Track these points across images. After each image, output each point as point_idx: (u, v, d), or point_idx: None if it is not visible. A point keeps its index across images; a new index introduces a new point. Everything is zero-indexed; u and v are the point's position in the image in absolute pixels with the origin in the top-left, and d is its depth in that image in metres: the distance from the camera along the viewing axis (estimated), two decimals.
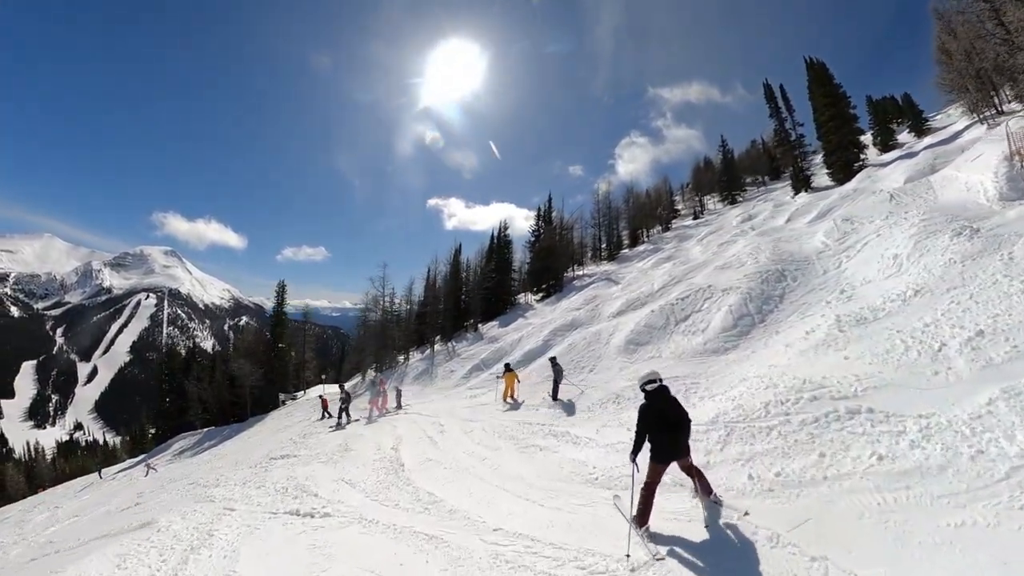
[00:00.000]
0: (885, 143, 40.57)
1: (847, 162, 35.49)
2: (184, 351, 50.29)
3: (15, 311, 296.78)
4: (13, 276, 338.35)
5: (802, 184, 38.07)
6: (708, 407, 8.68)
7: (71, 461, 74.21)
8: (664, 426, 5.27)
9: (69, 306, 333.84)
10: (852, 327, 9.75)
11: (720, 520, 5.34)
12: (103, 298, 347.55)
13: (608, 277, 31.57)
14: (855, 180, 30.26)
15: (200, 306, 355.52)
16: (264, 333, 46.61)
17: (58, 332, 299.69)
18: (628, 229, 49.36)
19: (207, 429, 36.62)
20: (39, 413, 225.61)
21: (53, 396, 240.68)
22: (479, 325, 34.28)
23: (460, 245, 42.63)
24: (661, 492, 5.54)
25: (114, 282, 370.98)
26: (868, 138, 41.18)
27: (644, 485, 5.35)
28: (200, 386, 40.77)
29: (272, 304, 43.09)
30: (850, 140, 36.39)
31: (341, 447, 12.79)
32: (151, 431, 48.62)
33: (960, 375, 6.72)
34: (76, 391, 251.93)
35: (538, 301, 35.79)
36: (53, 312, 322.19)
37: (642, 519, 5.30)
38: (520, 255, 43.19)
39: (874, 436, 5.97)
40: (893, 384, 7.03)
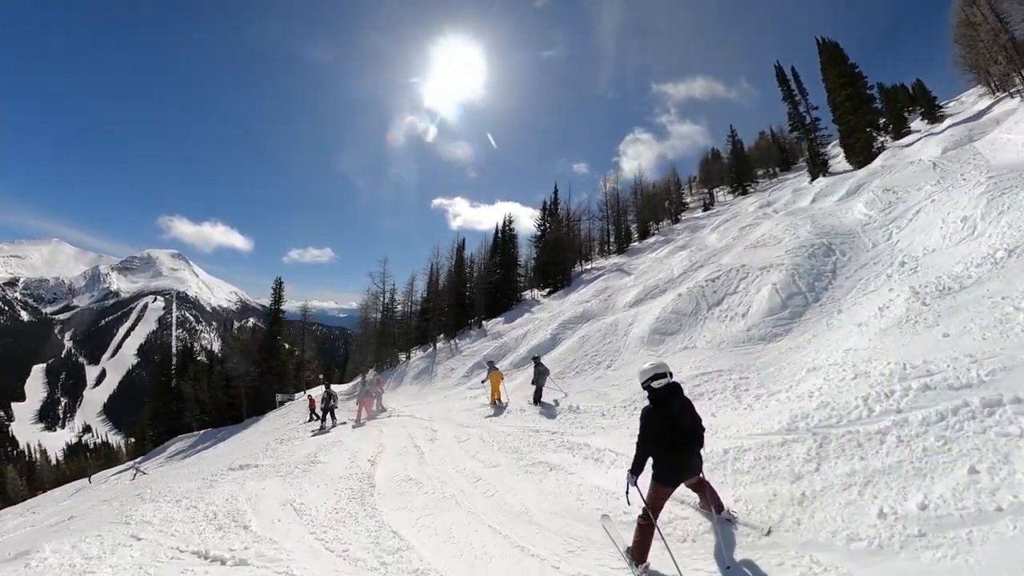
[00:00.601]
0: (898, 131, 38.43)
1: (866, 144, 33.43)
2: (181, 351, 48.40)
3: (24, 315, 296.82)
4: (22, 281, 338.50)
5: (819, 168, 35.99)
6: (773, 409, 6.81)
7: (72, 463, 72.92)
8: (675, 437, 4.08)
9: (77, 310, 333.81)
10: (936, 299, 8.09)
11: (738, 545, 4.25)
12: (111, 302, 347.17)
13: (619, 268, 29.69)
14: (880, 159, 28.47)
15: (208, 308, 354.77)
16: (261, 332, 44.92)
17: (66, 336, 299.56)
18: (636, 222, 47.39)
19: (203, 431, 35.25)
20: (49, 415, 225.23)
21: (62, 399, 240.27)
22: (483, 322, 32.74)
23: (464, 240, 41.03)
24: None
25: (121, 286, 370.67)
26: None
27: (643, 512, 4.17)
28: (197, 387, 39.09)
29: (284, 306, 41.52)
30: (869, 121, 34.33)
31: (310, 457, 10.82)
32: (149, 433, 46.91)
33: None
34: (84, 394, 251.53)
35: (545, 296, 34.07)
36: (61, 316, 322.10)
37: (641, 554, 4.17)
38: (526, 251, 41.62)
39: None
40: None
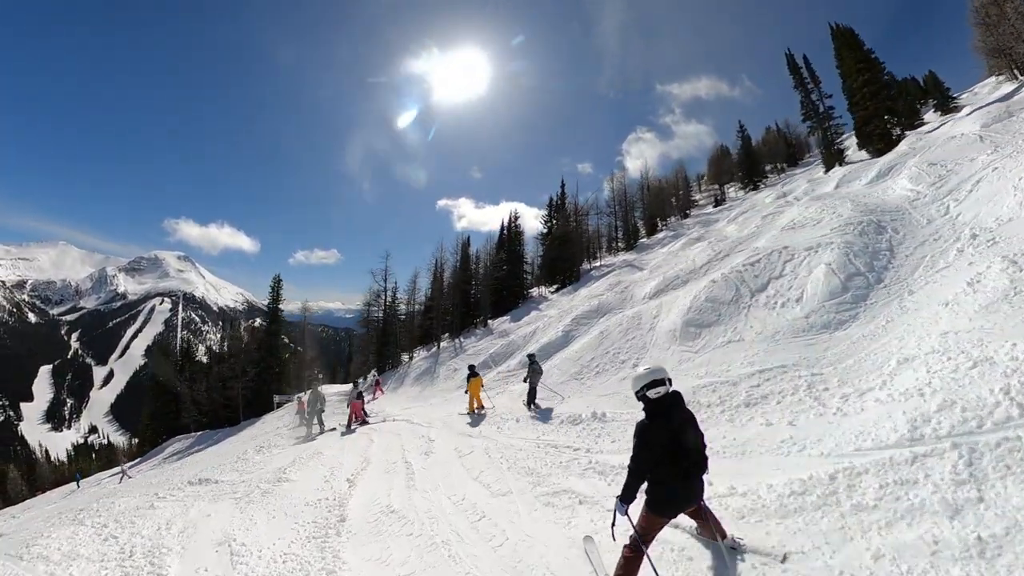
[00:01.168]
0: (911, 123, 36.60)
1: (885, 131, 31.63)
2: (179, 351, 46.83)
3: (32, 317, 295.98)
4: (30, 283, 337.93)
5: (834, 158, 34.18)
6: (875, 412, 5.27)
7: (76, 463, 71.58)
8: (676, 457, 3.30)
9: (84, 311, 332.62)
10: None
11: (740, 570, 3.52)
12: (118, 303, 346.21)
13: (630, 264, 28.06)
14: (905, 143, 26.78)
15: (214, 309, 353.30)
16: (261, 331, 43.32)
17: (73, 337, 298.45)
18: (644, 218, 45.59)
19: (199, 432, 33.77)
20: (55, 416, 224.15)
21: (69, 400, 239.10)
22: (489, 320, 31.21)
23: (468, 237, 39.63)
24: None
25: (128, 287, 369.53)
26: None
27: (631, 541, 3.44)
28: (194, 388, 37.53)
29: (287, 306, 40.03)
30: (888, 107, 32.50)
31: (279, 473, 9.16)
32: (147, 434, 45.45)
33: None
34: (91, 394, 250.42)
35: (553, 293, 32.45)
36: (69, 317, 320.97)
37: None
38: (532, 249, 40.04)
39: None
40: None
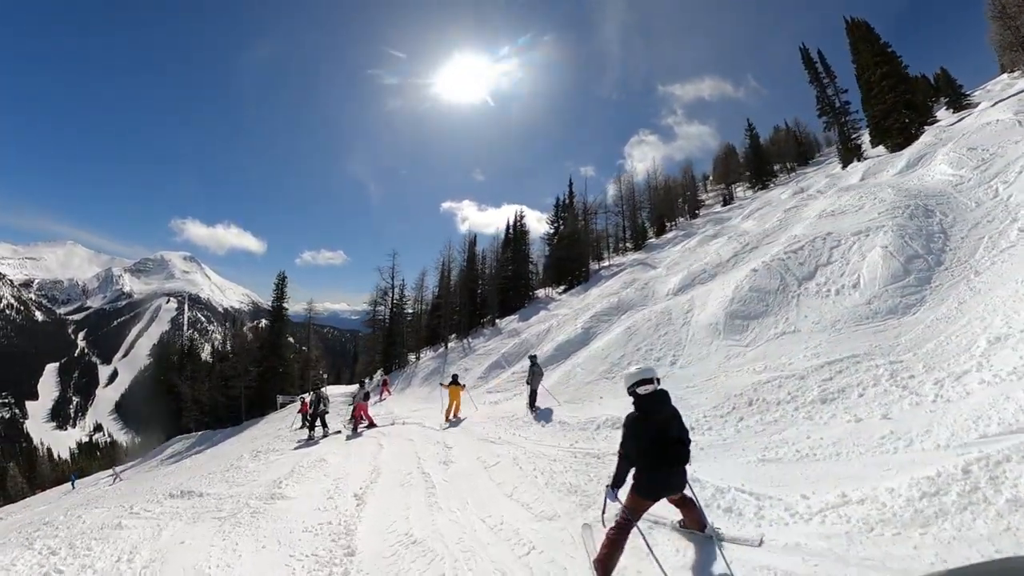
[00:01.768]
0: (924, 120, 35.37)
1: (904, 124, 30.38)
2: (181, 351, 45.68)
3: (39, 315, 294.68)
4: (37, 282, 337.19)
5: (852, 153, 32.94)
6: (988, 395, 4.85)
7: (80, 461, 70.65)
8: (661, 448, 3.47)
9: (91, 311, 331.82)
10: None
11: (731, 560, 3.38)
12: (123, 303, 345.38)
13: (642, 262, 26.91)
14: (928, 135, 25.59)
15: (220, 310, 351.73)
16: (264, 330, 42.19)
17: (80, 336, 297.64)
18: (651, 219, 44.21)
19: (201, 432, 32.78)
20: (61, 414, 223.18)
21: (74, 398, 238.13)
22: (496, 320, 30.10)
23: (475, 236, 38.50)
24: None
25: (134, 287, 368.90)
26: None
27: (617, 524, 3.52)
28: (195, 387, 36.41)
29: (292, 307, 38.93)
30: (907, 101, 31.23)
31: (274, 485, 7.89)
32: (148, 433, 44.44)
33: None
34: (97, 393, 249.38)
35: (560, 293, 31.39)
36: (75, 316, 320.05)
37: (605, 568, 3.51)
38: (536, 250, 38.96)
39: None
40: None
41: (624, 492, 3.61)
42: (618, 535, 3.55)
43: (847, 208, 14.40)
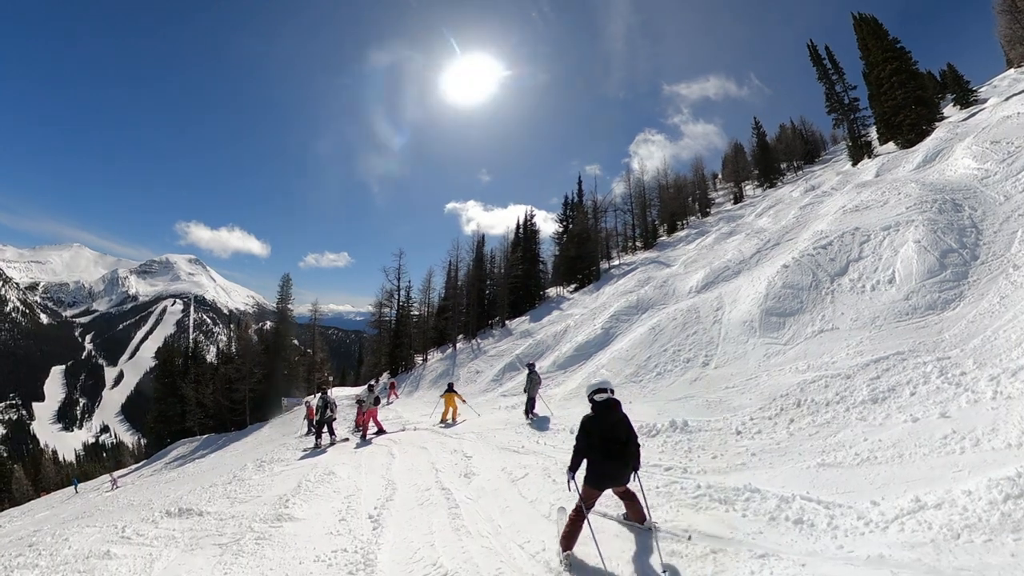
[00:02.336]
0: (931, 117, 34.68)
1: (915, 120, 29.67)
2: (185, 352, 45.00)
3: (45, 318, 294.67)
4: (43, 285, 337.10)
5: (862, 151, 32.26)
6: None
7: (82, 465, 70.03)
8: (608, 447, 4.16)
9: (97, 313, 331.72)
10: None
11: (663, 551, 3.90)
12: (129, 305, 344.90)
13: (656, 260, 26.27)
14: (941, 130, 25.03)
15: (225, 312, 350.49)
16: (270, 332, 41.54)
17: (86, 338, 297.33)
18: (661, 217, 43.32)
19: (205, 436, 32.02)
20: (67, 416, 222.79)
21: (80, 399, 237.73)
22: (506, 321, 29.40)
23: (483, 236, 37.80)
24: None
25: (140, 289, 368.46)
26: None
27: (575, 508, 4.26)
28: (199, 390, 35.72)
29: (297, 308, 38.28)
30: (917, 97, 30.51)
31: (280, 506, 7.08)
32: (151, 436, 43.67)
33: None
34: (103, 395, 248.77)
35: (572, 292, 30.73)
36: (81, 319, 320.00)
37: (567, 542, 4.23)
38: (545, 250, 38.42)
39: None
40: None
41: (580, 483, 4.26)
42: (576, 517, 4.21)
43: (871, 203, 14.09)
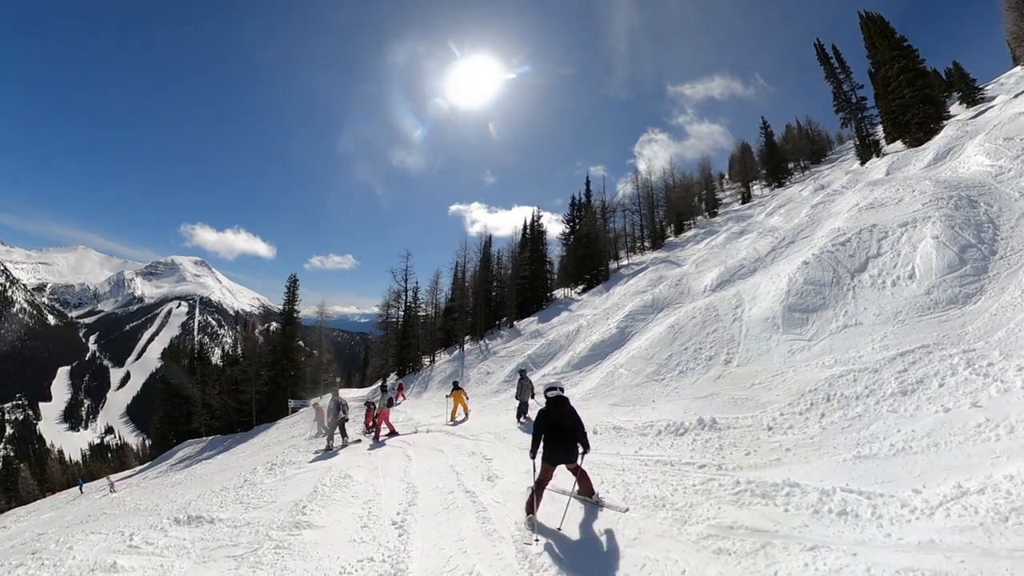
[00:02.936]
0: (939, 114, 34.31)
1: (924, 119, 29.32)
2: (191, 354, 44.82)
3: (51, 319, 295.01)
4: (49, 286, 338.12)
5: (870, 149, 31.94)
6: None
7: (88, 464, 70.00)
8: (555, 434, 5.27)
9: (102, 314, 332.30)
10: None
11: (603, 519, 4.94)
12: (135, 307, 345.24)
13: (665, 260, 25.98)
14: (950, 129, 24.83)
15: (231, 313, 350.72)
16: (276, 334, 41.31)
17: (92, 339, 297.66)
18: (668, 217, 42.93)
19: (211, 437, 31.81)
20: (73, 416, 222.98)
21: (86, 400, 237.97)
22: (514, 322, 29.16)
23: (490, 236, 37.44)
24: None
25: (146, 291, 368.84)
26: None
27: (536, 481, 5.35)
28: (205, 391, 35.53)
29: (303, 310, 37.99)
30: (925, 95, 30.16)
31: (297, 512, 6.71)
32: (157, 437, 43.50)
33: None
34: (108, 395, 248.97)
35: (580, 293, 30.45)
36: (87, 320, 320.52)
37: (530, 508, 5.24)
38: (551, 250, 38.15)
39: None
40: None
41: (539, 462, 5.33)
42: (537, 488, 5.31)
43: (886, 201, 14.04)
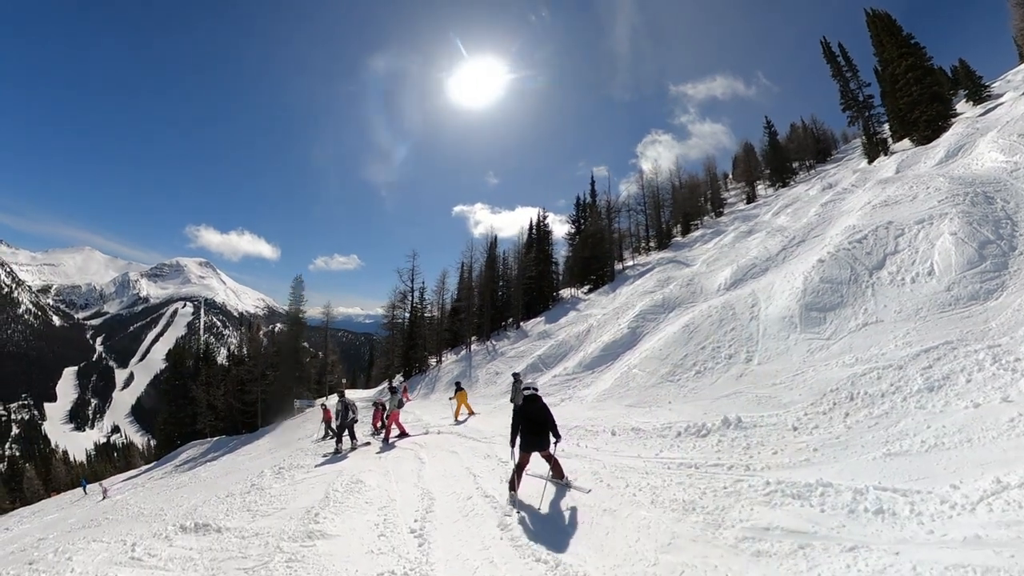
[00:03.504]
0: (948, 113, 33.91)
1: (932, 116, 28.98)
2: (196, 355, 44.66)
3: (57, 320, 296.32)
4: (55, 287, 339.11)
5: (878, 148, 31.60)
6: None
7: (92, 464, 70.05)
8: (529, 426, 6.09)
9: (108, 315, 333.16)
10: None
11: (569, 497, 5.73)
12: (140, 307, 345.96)
13: (673, 260, 25.71)
14: (959, 126, 24.54)
15: (235, 315, 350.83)
16: (281, 334, 41.19)
17: (97, 340, 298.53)
18: (674, 217, 42.43)
19: (216, 438, 31.61)
20: (78, 416, 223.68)
21: (92, 400, 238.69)
22: (521, 322, 28.95)
23: (496, 237, 37.27)
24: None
25: (151, 292, 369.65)
26: None
27: (516, 465, 6.20)
28: (210, 391, 35.34)
29: (309, 312, 37.77)
30: (934, 93, 29.80)
31: (308, 520, 6.41)
32: (161, 438, 43.31)
33: None
34: (114, 396, 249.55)
35: (586, 293, 30.23)
36: (93, 321, 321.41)
37: (512, 486, 6.12)
38: (556, 250, 37.79)
39: None
40: None
41: (518, 449, 6.14)
42: (517, 471, 6.16)
43: (900, 198, 13.84)
